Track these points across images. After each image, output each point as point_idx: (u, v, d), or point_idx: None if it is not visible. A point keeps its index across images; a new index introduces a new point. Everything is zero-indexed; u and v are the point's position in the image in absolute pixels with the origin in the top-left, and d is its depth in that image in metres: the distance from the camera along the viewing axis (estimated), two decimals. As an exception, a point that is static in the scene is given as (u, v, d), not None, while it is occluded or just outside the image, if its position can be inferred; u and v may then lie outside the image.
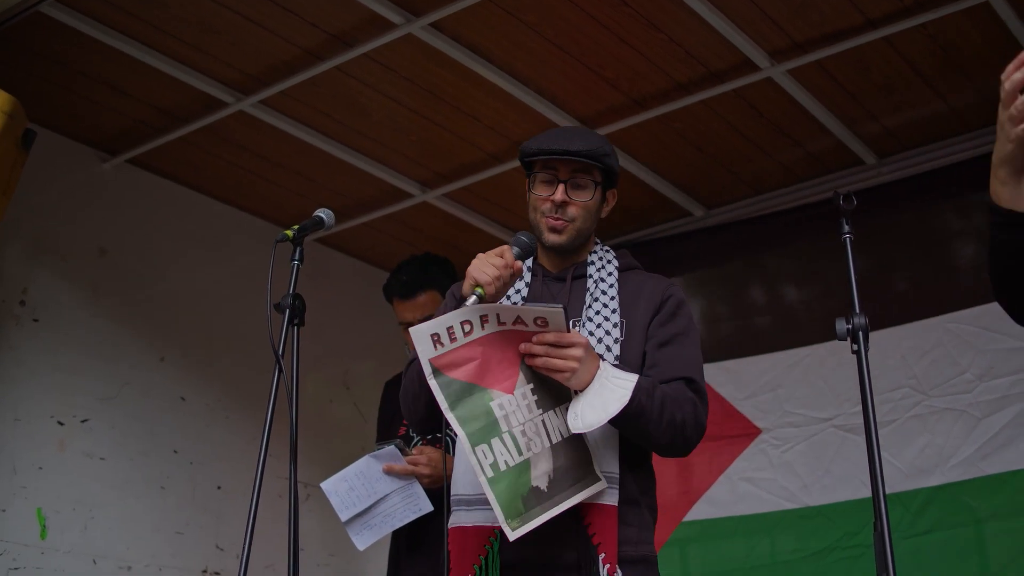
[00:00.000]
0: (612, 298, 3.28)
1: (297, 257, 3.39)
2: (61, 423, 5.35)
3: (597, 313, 3.24)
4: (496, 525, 2.93)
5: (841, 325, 2.99)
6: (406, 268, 4.80)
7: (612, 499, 3.05)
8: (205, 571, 5.77)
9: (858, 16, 4.71)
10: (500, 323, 2.91)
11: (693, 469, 5.92)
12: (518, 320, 2.91)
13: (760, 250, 6.26)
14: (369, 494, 4.32)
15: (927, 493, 5.19)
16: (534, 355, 2.93)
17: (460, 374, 2.91)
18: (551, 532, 2.92)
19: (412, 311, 4.69)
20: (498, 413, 2.92)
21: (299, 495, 3.26)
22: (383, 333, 6.52)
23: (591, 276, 3.34)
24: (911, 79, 5.14)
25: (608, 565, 2.98)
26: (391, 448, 4.32)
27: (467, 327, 2.89)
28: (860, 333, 2.97)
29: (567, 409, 2.99)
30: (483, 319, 2.90)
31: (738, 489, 5.74)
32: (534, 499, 2.90)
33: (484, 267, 3.06)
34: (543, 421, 2.98)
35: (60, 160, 5.54)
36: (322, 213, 3.53)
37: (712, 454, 5.87)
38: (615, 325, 3.22)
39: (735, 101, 5.31)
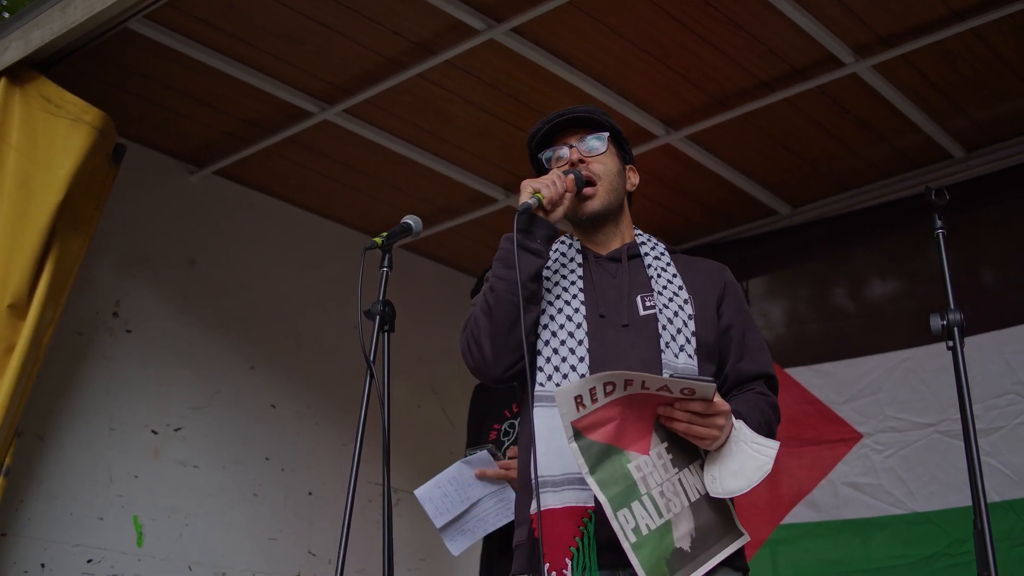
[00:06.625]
0: (675, 275, 3.26)
1: (386, 264, 3.42)
2: (155, 432, 5.42)
3: (665, 288, 3.20)
4: (590, 505, 2.89)
5: (936, 321, 2.95)
6: (493, 273, 4.80)
7: None
8: (298, 576, 5.83)
9: (943, 8, 4.65)
10: (643, 388, 2.79)
11: (792, 473, 5.84)
12: (663, 388, 2.80)
13: (847, 248, 6.19)
14: (462, 500, 4.32)
15: None
16: (674, 419, 2.85)
17: (598, 436, 2.79)
18: None
19: (499, 315, 4.69)
20: (636, 475, 2.81)
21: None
22: (470, 338, 6.54)
23: (647, 254, 3.31)
24: (999, 71, 5.06)
25: None
26: (483, 453, 4.32)
27: (609, 388, 2.75)
28: (956, 329, 2.93)
29: (701, 466, 2.93)
30: (627, 383, 2.76)
31: (841, 494, 5.65)
32: (678, 561, 2.80)
33: (540, 179, 3.17)
34: (679, 480, 2.88)
35: (149, 173, 5.63)
36: (410, 219, 3.54)
37: (812, 458, 5.80)
38: (685, 301, 3.18)
39: (819, 98, 5.26)
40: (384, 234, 3.44)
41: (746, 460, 2.83)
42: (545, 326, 3.16)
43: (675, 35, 4.83)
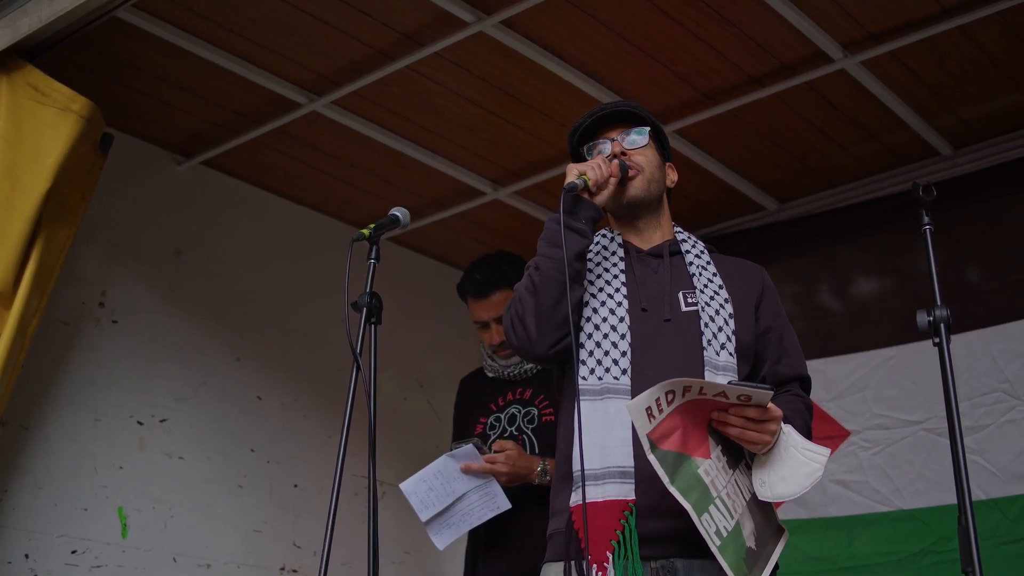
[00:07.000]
0: (715, 274, 3.34)
1: (373, 256, 3.43)
2: (140, 423, 5.41)
3: (706, 286, 3.27)
4: (631, 498, 2.94)
5: (922, 317, 2.95)
6: (480, 267, 4.79)
7: None
8: (283, 569, 5.81)
9: (933, 5, 4.65)
10: (701, 393, 2.84)
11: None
12: (720, 393, 2.84)
13: (834, 244, 6.18)
14: (447, 493, 4.32)
15: None
16: (727, 423, 2.91)
17: (668, 445, 2.83)
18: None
19: (487, 310, 4.69)
20: (706, 480, 2.86)
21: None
22: (456, 331, 6.55)
23: (688, 252, 3.38)
24: (987, 68, 5.07)
25: None
26: (469, 447, 4.32)
27: (670, 396, 2.80)
28: (942, 325, 2.94)
29: (747, 466, 2.99)
30: (686, 389, 2.81)
31: (829, 491, 5.63)
32: (752, 559, 2.87)
33: (586, 162, 3.24)
34: (735, 481, 2.95)
35: (136, 163, 5.60)
36: (397, 212, 3.55)
37: (801, 456, 5.79)
38: (726, 300, 3.26)
39: (808, 94, 5.26)
40: (372, 226, 3.46)
41: (797, 466, 2.89)
42: (588, 319, 3.20)
43: (665, 30, 4.82)
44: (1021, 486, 5.11)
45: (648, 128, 3.43)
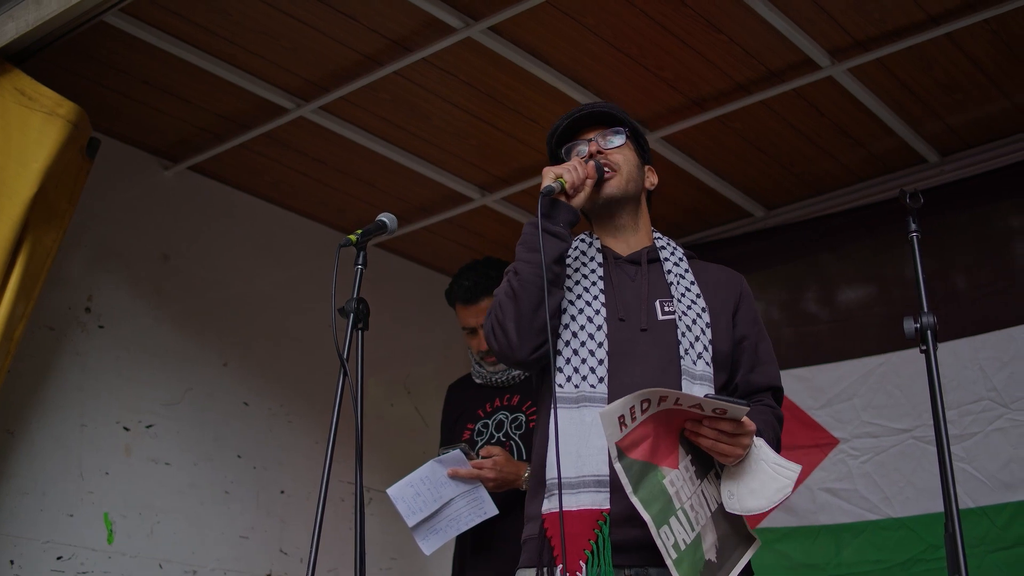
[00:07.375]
0: (692, 283, 3.32)
1: (361, 261, 3.42)
2: (127, 428, 5.39)
3: (684, 295, 3.26)
4: (605, 508, 2.93)
5: (909, 324, 2.96)
6: (468, 273, 4.79)
7: None
8: (269, 575, 5.79)
9: (920, 13, 4.66)
10: (676, 404, 2.82)
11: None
12: (695, 405, 2.83)
13: (821, 251, 6.17)
14: (435, 499, 4.31)
15: (1014, 507, 5.08)
16: (700, 435, 2.90)
17: (637, 454, 2.82)
18: None
19: (475, 316, 4.69)
20: (670, 491, 2.85)
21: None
22: (444, 337, 6.55)
23: (667, 259, 3.37)
24: (974, 76, 5.08)
25: None
26: (456, 452, 4.31)
27: (645, 405, 2.78)
28: (929, 332, 2.94)
29: (716, 476, 2.98)
30: (661, 399, 2.79)
31: (818, 499, 5.62)
32: (709, 572, 2.85)
33: (562, 165, 3.24)
34: (702, 491, 2.94)
35: (123, 168, 5.59)
36: (385, 217, 3.54)
37: (790, 463, 5.79)
38: (703, 310, 3.25)
39: (795, 101, 5.27)
40: (359, 231, 3.45)
41: (767, 480, 2.87)
42: (566, 326, 3.20)
43: (652, 36, 4.83)
44: (1009, 494, 5.11)
45: (625, 129, 3.43)
